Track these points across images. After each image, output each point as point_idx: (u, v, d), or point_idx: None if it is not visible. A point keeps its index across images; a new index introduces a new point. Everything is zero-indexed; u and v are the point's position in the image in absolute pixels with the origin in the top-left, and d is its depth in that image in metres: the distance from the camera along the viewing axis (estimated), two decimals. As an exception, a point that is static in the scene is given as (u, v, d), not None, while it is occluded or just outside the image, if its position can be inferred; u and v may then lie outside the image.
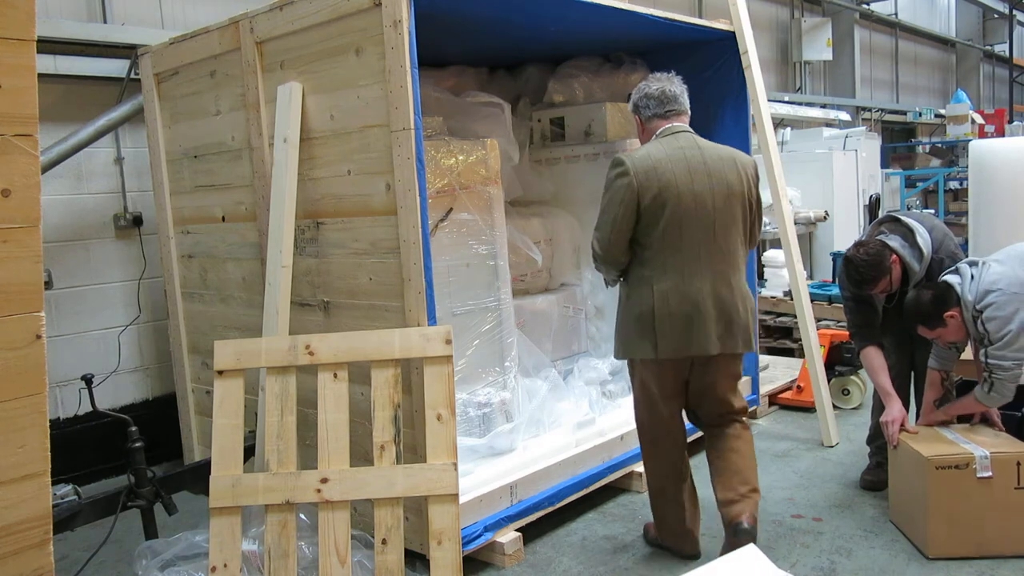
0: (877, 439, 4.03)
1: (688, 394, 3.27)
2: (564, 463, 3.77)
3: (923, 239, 3.56)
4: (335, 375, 3.04)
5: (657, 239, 3.03)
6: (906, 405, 3.70)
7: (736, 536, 3.04)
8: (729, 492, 3.14)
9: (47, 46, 4.27)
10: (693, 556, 3.27)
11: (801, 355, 5.56)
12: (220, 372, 3.05)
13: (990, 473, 3.18)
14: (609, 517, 3.84)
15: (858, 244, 3.63)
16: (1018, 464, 3.18)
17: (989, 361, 3.26)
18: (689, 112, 3.28)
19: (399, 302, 3.26)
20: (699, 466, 3.45)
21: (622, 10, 3.93)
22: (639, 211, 3.02)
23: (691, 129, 3.22)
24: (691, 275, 3.04)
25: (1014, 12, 18.01)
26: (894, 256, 3.54)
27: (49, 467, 1.92)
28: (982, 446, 3.26)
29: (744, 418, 3.32)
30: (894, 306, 3.71)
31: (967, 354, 3.64)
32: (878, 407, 3.99)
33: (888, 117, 14.47)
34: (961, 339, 3.45)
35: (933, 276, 3.57)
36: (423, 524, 3.06)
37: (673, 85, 3.25)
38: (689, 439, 4.47)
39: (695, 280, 3.04)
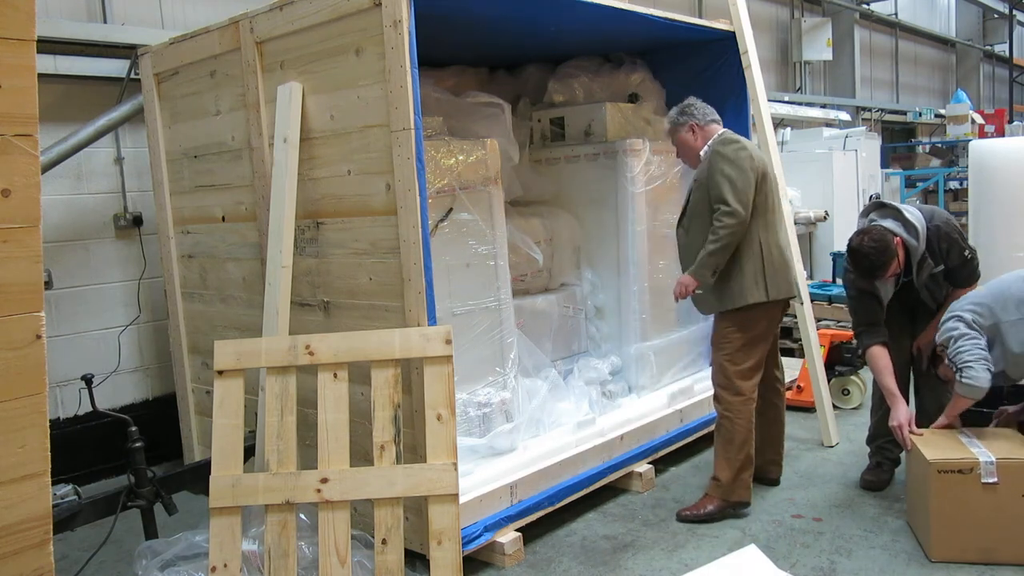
0: (877, 439, 4.02)
1: None
2: (564, 463, 3.77)
3: (912, 215, 3.64)
4: (335, 375, 3.04)
5: (760, 203, 3.69)
6: (906, 399, 3.70)
7: (764, 484, 4.05)
8: (775, 455, 4.08)
9: (47, 46, 4.27)
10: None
11: (801, 355, 5.55)
12: (220, 372, 3.05)
13: (995, 479, 3.10)
14: (609, 517, 3.84)
15: (860, 233, 3.64)
16: (1027, 471, 3.08)
17: (951, 358, 3.30)
18: None
19: (399, 302, 3.26)
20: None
21: (622, 10, 3.93)
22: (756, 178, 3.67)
23: None
24: (780, 233, 3.83)
25: (1014, 12, 18.02)
26: (897, 237, 3.58)
27: (49, 467, 1.92)
28: (992, 451, 3.16)
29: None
30: (897, 292, 3.73)
31: None
32: (877, 406, 3.99)
33: (888, 117, 14.47)
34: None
35: (933, 246, 3.62)
36: (423, 524, 3.06)
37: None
38: (695, 437, 4.52)
39: (781, 236, 3.83)
